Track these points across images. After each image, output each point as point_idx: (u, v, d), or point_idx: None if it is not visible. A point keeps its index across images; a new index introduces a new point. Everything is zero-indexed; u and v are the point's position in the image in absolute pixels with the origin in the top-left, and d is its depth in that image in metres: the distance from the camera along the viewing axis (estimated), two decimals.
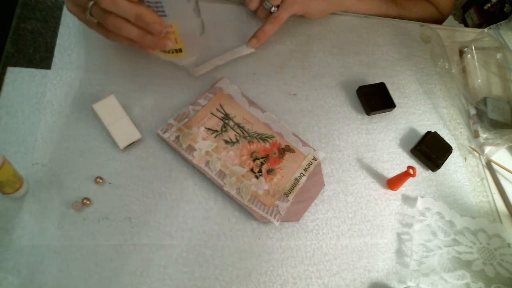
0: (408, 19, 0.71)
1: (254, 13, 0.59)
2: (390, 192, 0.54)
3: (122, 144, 0.46)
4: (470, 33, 0.73)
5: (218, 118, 0.51)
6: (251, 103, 0.53)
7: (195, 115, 0.50)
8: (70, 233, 0.41)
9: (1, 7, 0.60)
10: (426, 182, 0.56)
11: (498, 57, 0.67)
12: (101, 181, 0.44)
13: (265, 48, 0.59)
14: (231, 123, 0.51)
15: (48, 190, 0.43)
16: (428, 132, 0.59)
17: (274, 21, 0.55)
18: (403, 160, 0.57)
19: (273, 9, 0.56)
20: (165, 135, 0.47)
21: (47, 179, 0.43)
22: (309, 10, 0.59)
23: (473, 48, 0.67)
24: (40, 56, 0.49)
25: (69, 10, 0.44)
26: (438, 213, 0.53)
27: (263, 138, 0.51)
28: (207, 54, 0.55)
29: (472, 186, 0.58)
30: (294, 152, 0.51)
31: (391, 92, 0.59)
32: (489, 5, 0.88)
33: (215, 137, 0.49)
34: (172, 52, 0.46)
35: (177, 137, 0.48)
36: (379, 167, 0.55)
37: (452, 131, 0.62)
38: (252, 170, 0.48)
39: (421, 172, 0.57)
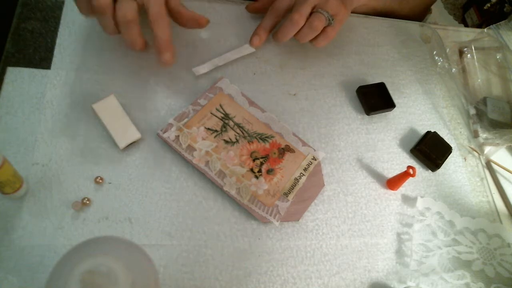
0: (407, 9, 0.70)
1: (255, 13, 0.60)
2: (390, 192, 0.54)
3: (122, 144, 0.46)
4: (470, 33, 0.73)
5: (218, 118, 0.51)
6: (251, 103, 0.53)
7: (195, 115, 0.50)
8: (70, 233, 0.41)
9: (1, 7, 0.60)
10: (426, 182, 0.56)
11: (498, 57, 0.67)
12: (101, 181, 0.44)
13: (265, 48, 0.59)
14: (231, 123, 0.51)
15: (48, 190, 0.43)
16: (428, 132, 0.59)
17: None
18: (403, 160, 0.57)
19: None
20: (165, 135, 0.47)
21: (47, 179, 0.43)
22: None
23: (473, 48, 0.67)
24: (40, 56, 0.49)
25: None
26: (438, 213, 0.53)
27: (263, 138, 0.51)
28: (207, 54, 0.55)
29: (472, 186, 0.58)
30: (294, 152, 0.51)
31: (391, 92, 0.59)
32: (489, 5, 0.88)
33: (215, 137, 0.49)
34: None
35: (177, 137, 0.48)
36: (379, 167, 0.55)
37: (452, 131, 0.62)
38: (252, 170, 0.48)
39: (421, 172, 0.57)
